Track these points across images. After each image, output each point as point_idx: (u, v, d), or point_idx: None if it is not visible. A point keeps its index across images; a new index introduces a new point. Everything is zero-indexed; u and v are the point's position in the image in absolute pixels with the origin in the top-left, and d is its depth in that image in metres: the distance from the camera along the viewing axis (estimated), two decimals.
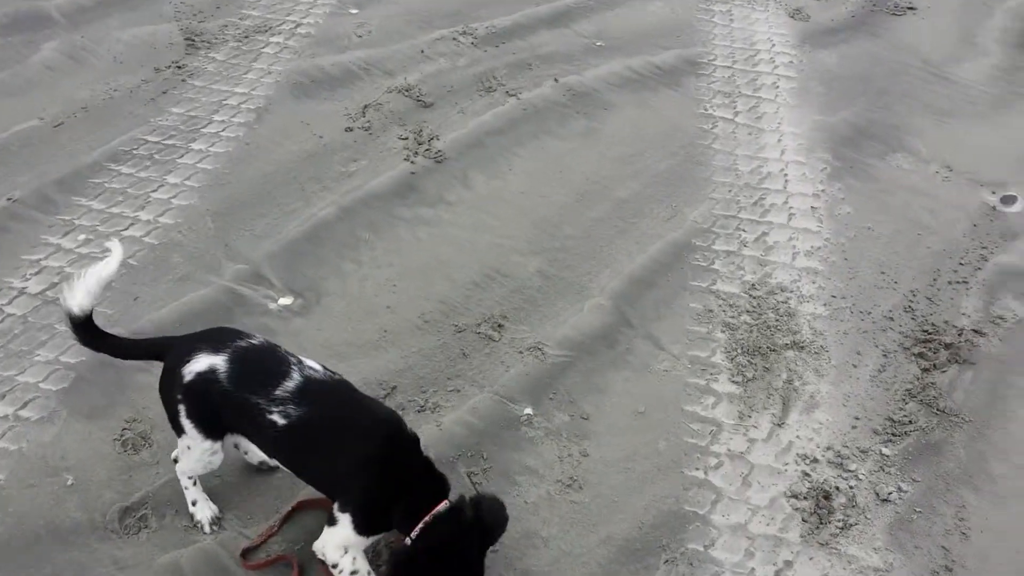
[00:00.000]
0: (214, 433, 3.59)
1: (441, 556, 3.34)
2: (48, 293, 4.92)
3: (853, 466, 4.16)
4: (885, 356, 4.73)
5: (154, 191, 5.66)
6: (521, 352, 4.70)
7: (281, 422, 3.41)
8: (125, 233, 5.32)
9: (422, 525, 3.36)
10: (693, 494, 4.06)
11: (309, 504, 3.91)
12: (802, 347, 4.74)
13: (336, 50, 7.11)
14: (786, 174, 5.98)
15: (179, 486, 3.83)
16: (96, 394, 4.39)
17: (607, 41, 7.39)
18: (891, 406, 4.46)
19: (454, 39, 7.30)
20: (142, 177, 5.76)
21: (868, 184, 5.92)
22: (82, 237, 5.30)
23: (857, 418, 4.40)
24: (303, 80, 6.73)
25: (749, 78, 6.98)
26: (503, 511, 3.50)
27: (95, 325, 3.62)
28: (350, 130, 6.25)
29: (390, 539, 3.72)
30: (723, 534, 3.91)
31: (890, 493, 4.05)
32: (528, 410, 4.39)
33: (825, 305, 5.01)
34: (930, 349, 4.72)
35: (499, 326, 4.84)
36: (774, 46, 7.40)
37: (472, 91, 6.73)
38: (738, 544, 3.88)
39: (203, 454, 3.62)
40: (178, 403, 3.51)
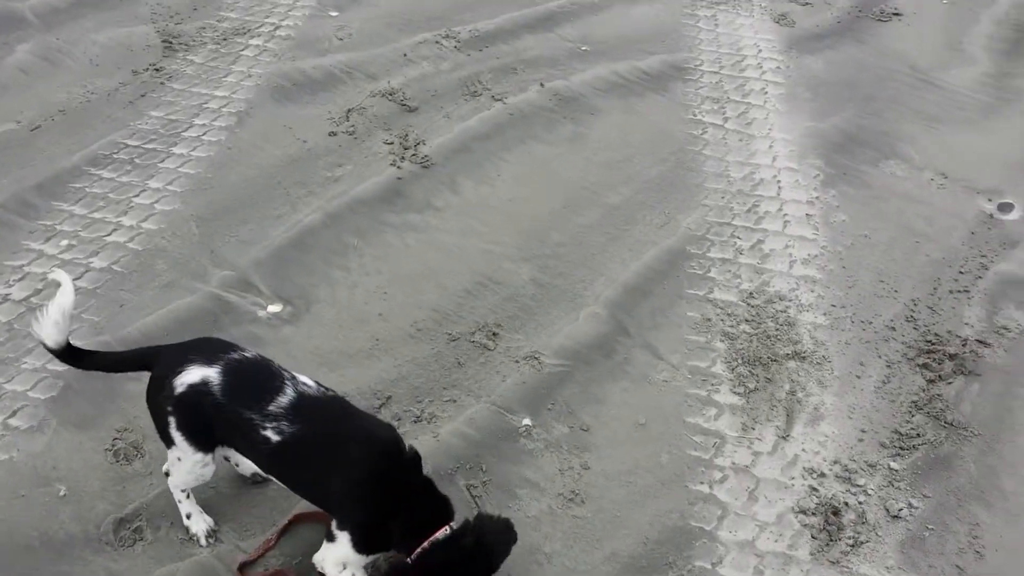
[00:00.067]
0: (205, 446, 3.48)
1: None
2: (33, 300, 4.80)
3: (862, 481, 4.09)
4: (889, 367, 4.66)
5: (136, 196, 5.52)
6: (517, 361, 4.60)
7: (275, 438, 3.31)
8: (108, 239, 5.20)
9: (420, 551, 3.27)
10: (698, 509, 3.97)
11: (306, 517, 3.82)
12: (804, 357, 4.67)
13: (317, 53, 6.99)
14: (779, 181, 5.92)
15: (173, 498, 3.72)
16: (85, 403, 4.28)
17: (592, 46, 7.31)
18: (897, 418, 4.39)
19: (437, 43, 7.19)
20: (123, 182, 5.62)
21: (862, 191, 5.87)
22: (64, 243, 5.16)
23: (863, 431, 4.33)
24: (284, 83, 6.60)
25: (737, 84, 6.92)
26: (508, 533, 3.38)
27: (75, 348, 3.54)
28: (334, 134, 6.13)
29: (391, 556, 3.61)
30: (731, 551, 3.82)
31: (901, 509, 3.97)
32: (526, 421, 4.29)
33: (825, 314, 4.94)
34: (934, 360, 4.66)
35: (493, 335, 4.74)
36: (760, 51, 7.35)
37: (457, 95, 6.63)
38: (747, 562, 3.79)
39: (194, 466, 3.51)
40: (168, 414, 3.40)
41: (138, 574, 3.63)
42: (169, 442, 3.46)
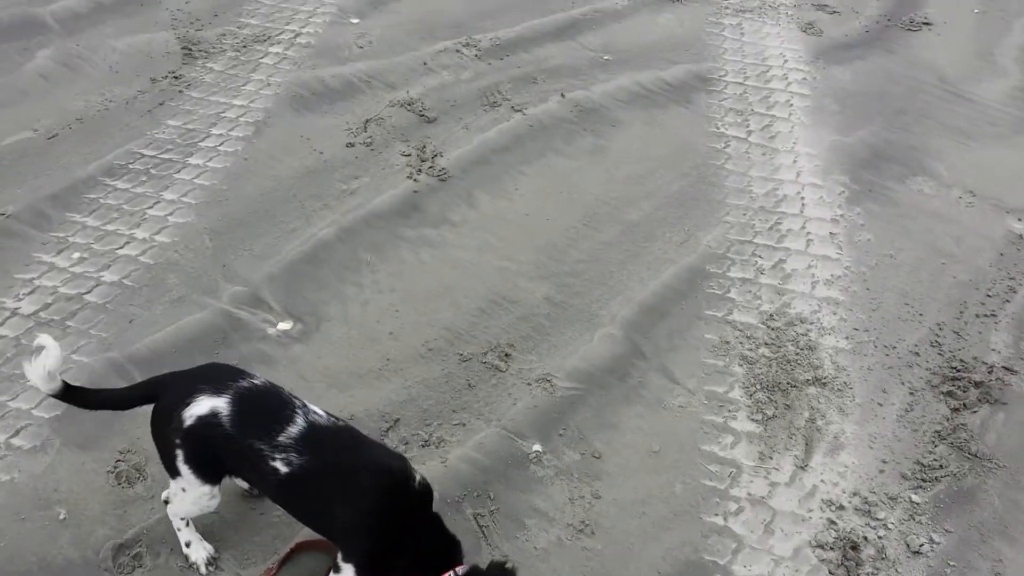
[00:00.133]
0: (213, 478, 3.40)
1: None
2: (42, 314, 4.72)
3: (882, 514, 3.96)
4: (912, 394, 4.53)
5: (150, 208, 5.45)
6: (529, 384, 4.50)
7: (284, 470, 3.22)
8: (120, 252, 5.12)
9: None
10: (712, 542, 3.85)
11: (309, 545, 3.72)
12: (824, 383, 4.55)
13: (337, 61, 6.92)
14: (803, 197, 5.79)
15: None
16: (89, 423, 4.20)
17: (614, 55, 7.21)
18: (920, 449, 4.26)
19: (457, 51, 7.11)
20: (138, 193, 5.56)
21: (888, 209, 5.73)
22: (76, 255, 5.09)
23: (884, 461, 4.20)
24: (303, 92, 6.54)
25: (762, 95, 6.80)
26: None
27: (76, 389, 3.45)
28: (351, 145, 6.06)
29: None
30: None
31: (921, 545, 3.84)
32: (537, 447, 4.19)
33: (847, 338, 4.81)
34: (959, 387, 4.53)
35: (506, 355, 4.65)
36: (787, 62, 7.22)
37: (476, 106, 6.54)
38: None
39: (199, 498, 3.43)
40: (176, 447, 3.30)
41: None
42: (175, 473, 3.37)
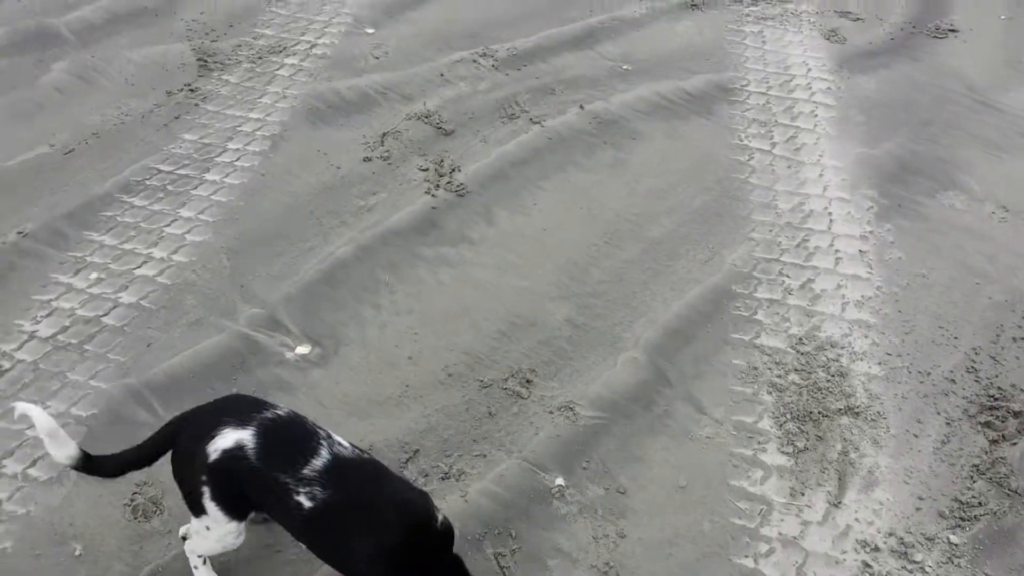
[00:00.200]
0: (240, 514, 3.30)
1: None
2: (60, 337, 4.64)
3: (919, 556, 3.82)
4: (948, 425, 4.39)
5: (167, 226, 5.37)
6: (551, 412, 4.39)
7: (307, 504, 3.12)
8: (138, 272, 5.04)
9: None
10: None
11: None
12: (857, 413, 4.41)
13: (353, 73, 6.82)
14: (830, 213, 5.65)
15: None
16: (107, 453, 4.10)
17: (634, 64, 7.09)
18: (957, 484, 4.12)
19: (474, 61, 7.00)
20: (155, 210, 5.47)
21: (918, 225, 5.58)
22: (94, 276, 5.01)
23: (921, 498, 4.06)
24: (319, 105, 6.44)
25: (785, 105, 6.66)
26: None
27: (95, 458, 3.38)
28: (368, 160, 5.96)
29: None
30: None
31: None
32: (560, 481, 4.08)
33: (880, 364, 4.68)
34: (997, 417, 4.38)
35: (527, 381, 4.54)
36: (810, 71, 7.08)
37: (494, 118, 6.43)
38: None
39: (225, 536, 3.33)
40: (202, 484, 3.19)
41: None
42: (200, 512, 3.27)
